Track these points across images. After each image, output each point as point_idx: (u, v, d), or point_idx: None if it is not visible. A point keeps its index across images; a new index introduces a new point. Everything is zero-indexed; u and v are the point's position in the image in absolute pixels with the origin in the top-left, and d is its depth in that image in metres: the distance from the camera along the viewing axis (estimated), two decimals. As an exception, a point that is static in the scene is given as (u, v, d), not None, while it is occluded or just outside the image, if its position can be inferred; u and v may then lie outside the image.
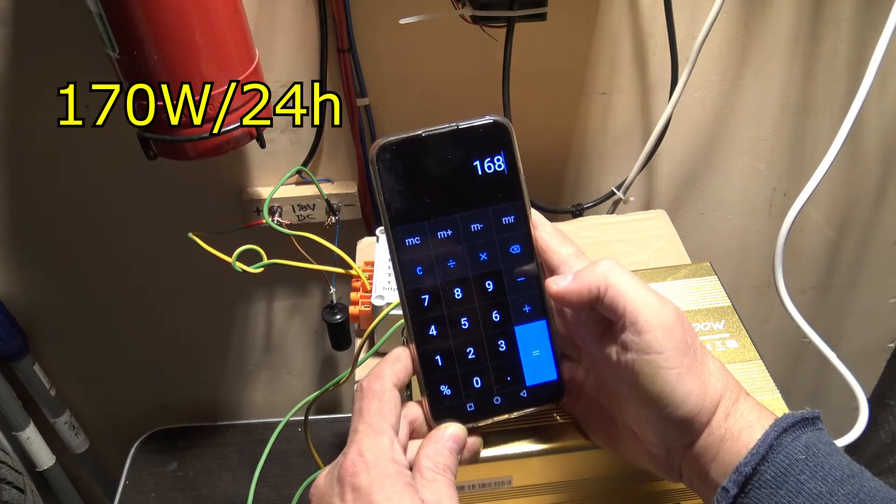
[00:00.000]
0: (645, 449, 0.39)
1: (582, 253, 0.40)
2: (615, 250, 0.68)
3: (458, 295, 0.39)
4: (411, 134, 0.38)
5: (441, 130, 0.38)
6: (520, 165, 0.40)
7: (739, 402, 0.36)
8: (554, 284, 0.39)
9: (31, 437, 0.98)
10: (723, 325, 0.50)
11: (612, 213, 0.87)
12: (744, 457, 0.34)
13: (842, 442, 0.62)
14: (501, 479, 0.45)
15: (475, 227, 0.39)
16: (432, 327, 0.39)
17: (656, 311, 0.36)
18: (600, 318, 0.38)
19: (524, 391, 0.40)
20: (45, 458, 1.01)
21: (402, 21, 0.65)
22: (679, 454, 0.37)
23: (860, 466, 0.34)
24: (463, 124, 0.39)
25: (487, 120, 0.39)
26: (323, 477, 0.37)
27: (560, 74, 0.79)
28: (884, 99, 0.83)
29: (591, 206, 0.86)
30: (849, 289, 1.03)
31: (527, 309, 0.40)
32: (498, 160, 0.39)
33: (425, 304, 0.39)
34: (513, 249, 0.40)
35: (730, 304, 0.52)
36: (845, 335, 1.09)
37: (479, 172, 0.39)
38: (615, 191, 0.84)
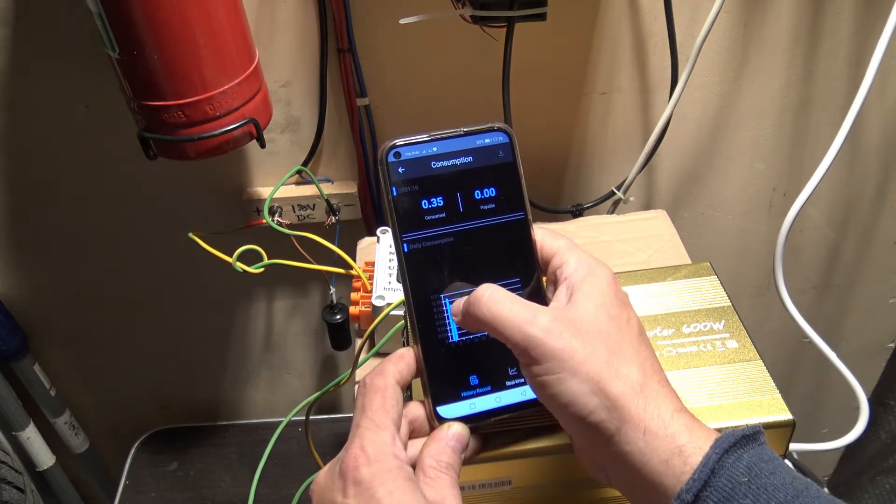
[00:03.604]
0: (578, 445, 0.39)
1: (575, 245, 0.41)
2: (615, 250, 0.68)
3: (461, 295, 0.40)
4: (419, 137, 0.40)
5: (447, 135, 0.40)
6: (521, 171, 0.41)
7: (664, 418, 0.35)
8: (454, 316, 0.40)
9: (31, 437, 0.98)
10: (723, 325, 0.50)
11: (612, 213, 0.87)
12: (683, 482, 0.33)
13: (842, 442, 0.62)
14: (501, 480, 0.45)
15: (478, 229, 0.40)
16: (437, 328, 0.40)
17: (522, 331, 0.36)
18: None
19: (524, 391, 0.40)
20: (45, 458, 1.01)
21: (402, 21, 0.65)
22: (599, 453, 0.37)
23: (806, 482, 0.33)
24: (469, 129, 0.40)
25: (491, 126, 0.40)
26: (324, 473, 0.37)
27: (560, 74, 0.79)
28: (884, 99, 0.83)
29: (591, 206, 0.86)
30: (849, 289, 1.03)
31: None
32: (500, 165, 0.40)
33: (430, 305, 0.40)
34: (515, 252, 0.41)
35: (730, 304, 0.52)
36: (845, 335, 1.09)
37: (483, 177, 0.40)
38: (615, 191, 0.84)
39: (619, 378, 0.35)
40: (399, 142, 0.39)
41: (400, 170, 0.39)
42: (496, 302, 0.37)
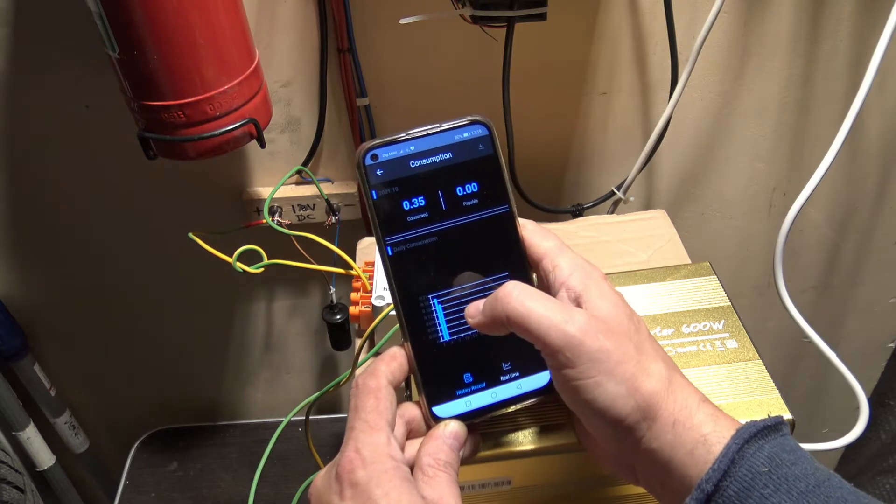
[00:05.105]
0: (604, 448, 0.39)
1: (565, 246, 0.40)
2: (615, 250, 0.68)
3: (450, 294, 0.40)
4: (395, 136, 0.39)
5: (424, 132, 0.39)
6: (503, 163, 0.40)
7: (691, 409, 0.35)
8: (470, 318, 0.39)
9: (31, 437, 0.98)
10: (722, 324, 0.50)
11: (612, 213, 0.87)
12: (704, 472, 0.33)
13: (842, 442, 0.62)
14: (501, 480, 0.45)
15: (463, 226, 0.40)
16: (426, 327, 0.40)
17: (558, 331, 0.35)
18: None
19: (520, 385, 0.40)
20: (45, 458, 1.01)
21: (402, 21, 0.65)
22: (629, 454, 0.36)
23: (828, 473, 0.33)
24: (446, 125, 0.39)
25: (469, 120, 0.40)
26: (321, 476, 0.37)
27: (560, 74, 0.79)
28: (884, 99, 0.83)
29: (591, 206, 0.86)
30: (849, 289, 1.03)
31: None
32: (481, 159, 0.40)
33: (418, 304, 0.39)
34: (501, 247, 0.40)
35: (729, 303, 0.52)
36: (845, 335, 1.09)
37: (464, 172, 0.40)
38: (615, 191, 0.84)
39: (650, 376, 0.35)
40: (375, 143, 0.39)
41: (378, 172, 0.38)
42: (527, 298, 0.36)
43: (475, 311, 0.38)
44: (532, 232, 0.40)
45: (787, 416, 0.44)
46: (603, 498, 0.48)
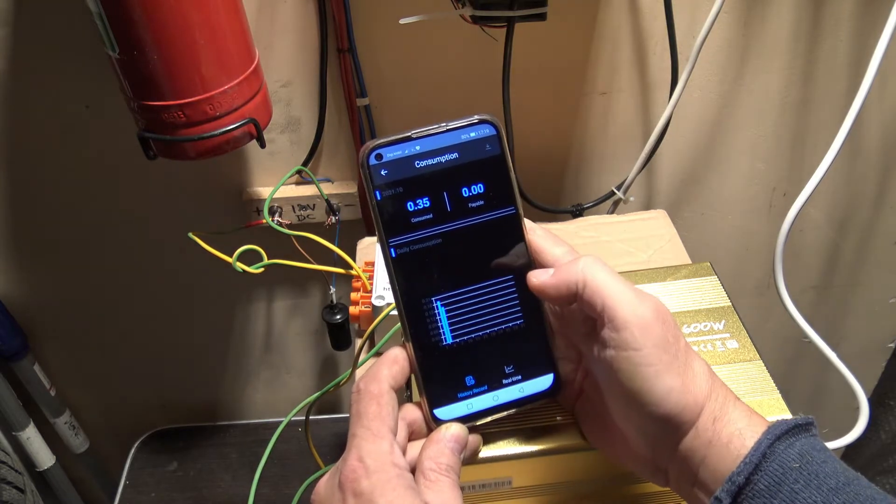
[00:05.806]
0: (632, 449, 0.38)
1: (574, 252, 0.40)
2: (615, 250, 0.68)
3: (454, 297, 0.39)
4: (401, 135, 0.38)
5: (431, 131, 0.38)
6: (510, 163, 0.39)
7: (728, 406, 0.35)
8: (534, 278, 0.39)
9: (31, 437, 0.98)
10: (723, 325, 0.50)
11: (612, 213, 0.87)
12: (736, 465, 0.33)
13: (842, 442, 0.62)
14: (501, 480, 0.45)
15: (468, 228, 0.39)
16: (429, 329, 0.39)
17: (634, 307, 0.35)
18: (588, 316, 0.38)
19: (522, 388, 0.40)
20: (45, 458, 1.01)
21: (402, 21, 0.65)
22: (665, 455, 0.36)
23: (856, 473, 0.34)
24: (452, 124, 0.39)
25: (476, 119, 0.39)
26: (324, 483, 0.37)
27: (560, 74, 0.79)
28: (884, 99, 0.83)
29: (591, 206, 0.86)
30: (849, 289, 1.03)
31: (521, 308, 0.40)
32: (488, 159, 0.39)
33: (421, 307, 0.39)
34: (506, 249, 0.40)
35: (730, 304, 0.52)
36: (845, 335, 1.09)
37: (470, 172, 0.39)
38: (615, 191, 0.84)
39: (696, 375, 0.36)
40: (380, 142, 0.38)
41: (382, 172, 0.38)
42: (605, 269, 0.37)
43: (543, 273, 0.38)
44: (542, 237, 0.40)
45: (788, 416, 0.44)
46: (603, 497, 0.48)
